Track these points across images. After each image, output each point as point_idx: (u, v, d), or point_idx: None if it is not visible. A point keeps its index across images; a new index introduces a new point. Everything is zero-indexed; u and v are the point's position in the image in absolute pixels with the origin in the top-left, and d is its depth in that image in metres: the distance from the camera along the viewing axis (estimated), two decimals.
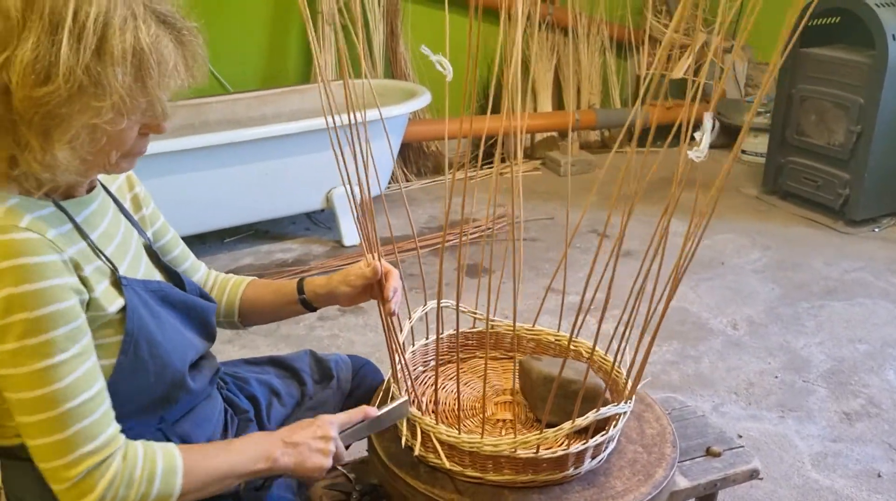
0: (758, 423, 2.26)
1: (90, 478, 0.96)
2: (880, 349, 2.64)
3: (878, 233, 3.60)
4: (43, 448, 0.95)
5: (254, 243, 3.47)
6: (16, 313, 0.90)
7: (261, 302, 1.37)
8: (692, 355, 2.59)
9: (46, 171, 0.94)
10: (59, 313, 0.93)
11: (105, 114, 0.92)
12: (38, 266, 0.91)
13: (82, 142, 0.94)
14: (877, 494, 1.99)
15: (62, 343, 0.93)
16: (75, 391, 0.95)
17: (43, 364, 0.92)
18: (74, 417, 0.95)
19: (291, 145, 3.18)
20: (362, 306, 2.90)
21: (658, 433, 1.45)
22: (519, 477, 1.27)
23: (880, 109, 3.38)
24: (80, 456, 0.95)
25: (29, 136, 0.91)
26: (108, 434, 0.98)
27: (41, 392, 0.93)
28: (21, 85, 0.87)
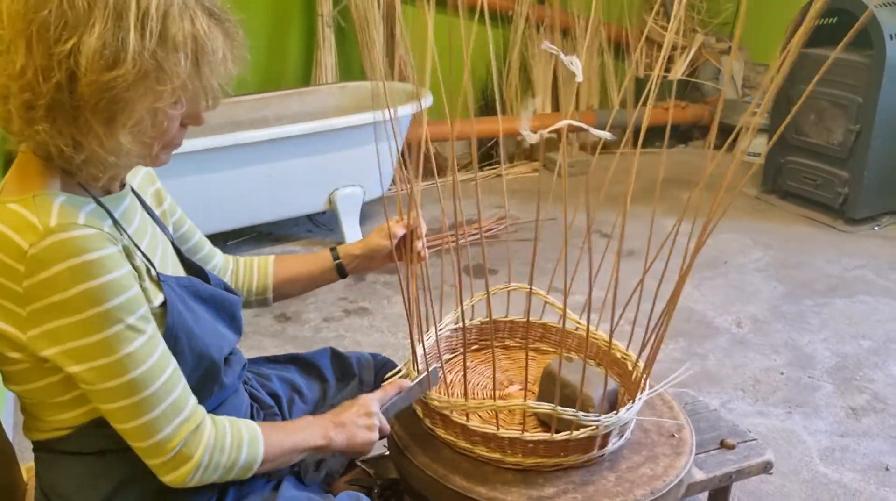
0: (765, 419, 2.27)
1: (188, 447, 1.01)
2: (884, 345, 2.66)
3: (878, 231, 3.62)
4: (138, 429, 0.99)
5: (256, 246, 3.47)
6: (92, 307, 0.93)
7: (294, 274, 1.41)
8: (699, 352, 2.60)
9: (111, 154, 0.96)
10: (130, 299, 0.96)
11: (167, 98, 0.95)
12: (103, 259, 0.94)
13: (145, 126, 0.96)
14: (885, 487, 2.01)
15: (140, 326, 0.97)
16: (159, 369, 0.99)
17: (129, 350, 0.96)
18: (163, 394, 0.99)
19: (295, 147, 3.19)
20: (367, 306, 2.91)
21: (675, 426, 1.46)
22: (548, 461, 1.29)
23: (879, 108, 3.41)
24: (176, 428, 1.00)
25: (93, 121, 0.93)
26: (192, 404, 1.03)
27: (130, 377, 0.96)
28: (90, 70, 0.89)
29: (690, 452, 1.37)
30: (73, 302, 0.92)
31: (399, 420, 1.40)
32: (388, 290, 3.05)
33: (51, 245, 0.91)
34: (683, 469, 1.33)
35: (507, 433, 1.28)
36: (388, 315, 2.86)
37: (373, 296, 3.00)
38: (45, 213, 0.94)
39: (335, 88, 3.86)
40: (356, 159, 3.36)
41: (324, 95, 3.81)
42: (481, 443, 1.31)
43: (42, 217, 0.93)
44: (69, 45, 0.89)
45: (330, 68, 4.01)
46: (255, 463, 1.08)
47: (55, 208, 0.95)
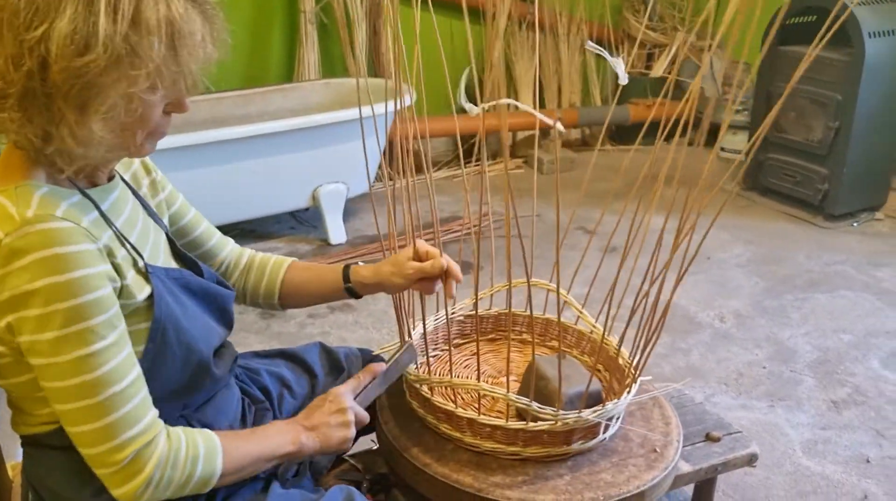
0: (748, 412, 2.30)
1: (138, 461, 0.98)
2: (864, 339, 2.69)
3: (857, 227, 3.66)
4: (87, 434, 0.96)
5: (239, 243, 3.41)
6: (55, 302, 0.91)
7: (305, 287, 1.36)
8: (682, 347, 2.62)
9: (80, 146, 0.94)
10: (96, 301, 0.93)
11: (141, 83, 0.93)
12: (75, 255, 0.92)
13: (118, 113, 0.94)
14: (866, 479, 2.03)
15: (101, 331, 0.94)
16: (116, 376, 0.96)
17: (84, 352, 0.93)
18: (117, 402, 0.96)
19: (278, 144, 3.18)
20: (351, 303, 2.91)
21: (661, 419, 1.47)
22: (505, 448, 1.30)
23: (857, 106, 3.45)
24: (127, 440, 0.97)
25: (65, 109, 0.91)
26: (149, 418, 1.00)
27: (82, 379, 0.94)
28: (60, 56, 0.88)
29: (666, 469, 1.35)
30: (37, 294, 0.90)
31: (391, 416, 1.40)
32: None
33: (25, 235, 0.90)
34: (649, 482, 1.30)
35: (465, 413, 1.29)
36: (373, 312, 2.86)
37: None
38: (25, 204, 0.92)
39: (318, 84, 3.85)
40: (339, 156, 3.35)
41: (307, 92, 3.79)
42: (445, 421, 1.32)
43: (21, 208, 0.92)
44: (39, 32, 0.87)
45: (313, 65, 3.99)
46: (212, 477, 1.04)
47: (35, 199, 0.94)
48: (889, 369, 2.51)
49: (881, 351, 2.61)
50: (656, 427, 1.45)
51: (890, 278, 3.14)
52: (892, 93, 3.53)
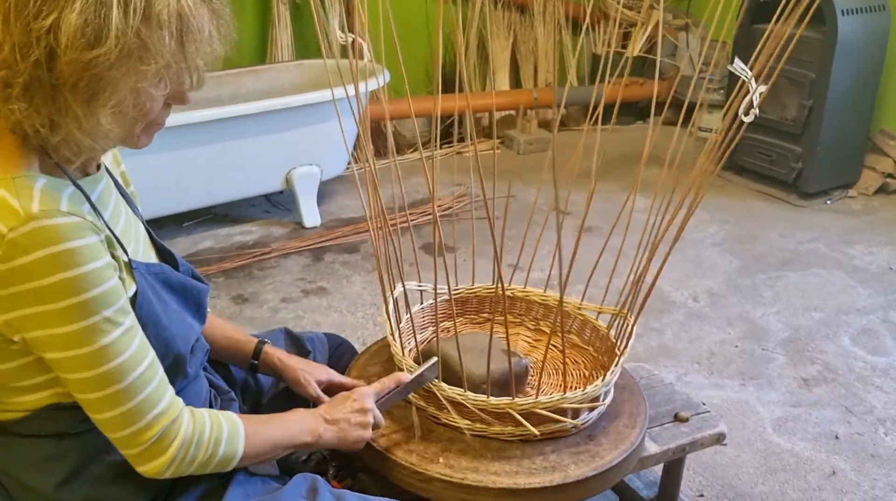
0: (720, 391, 2.31)
1: (164, 439, 1.00)
2: (835, 316, 2.71)
3: (831, 205, 3.68)
4: (115, 420, 0.98)
5: (213, 227, 3.42)
6: (70, 297, 0.91)
7: (213, 343, 1.33)
8: (656, 327, 2.63)
9: (88, 137, 0.93)
10: (109, 291, 0.94)
11: (150, 78, 0.92)
12: (84, 249, 0.92)
13: (126, 107, 0.93)
14: (835, 455, 2.06)
15: (117, 319, 0.96)
16: (136, 361, 0.98)
17: (104, 342, 0.94)
18: (140, 385, 0.98)
19: (251, 126, 3.14)
20: (325, 286, 2.89)
21: (629, 400, 1.47)
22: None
23: (831, 84, 3.46)
24: (153, 419, 0.99)
25: (72, 101, 0.90)
26: (169, 396, 1.02)
27: (105, 369, 0.95)
28: (70, 48, 0.86)
29: (626, 451, 1.34)
30: (51, 290, 0.90)
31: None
32: (347, 270, 3.03)
33: (32, 231, 0.89)
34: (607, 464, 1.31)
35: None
36: (347, 295, 2.85)
37: (332, 276, 2.99)
38: (27, 197, 0.90)
39: (291, 65, 3.81)
40: (313, 138, 3.32)
41: (279, 73, 3.75)
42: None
43: (24, 201, 0.90)
44: (49, 21, 0.86)
45: (286, 46, 3.95)
46: (234, 458, 1.07)
47: (37, 192, 0.92)
48: (859, 346, 2.54)
49: (851, 328, 2.64)
50: (623, 409, 1.45)
51: (861, 255, 3.17)
52: (865, 71, 3.54)
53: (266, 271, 3.03)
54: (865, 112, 3.67)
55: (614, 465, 1.30)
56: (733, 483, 1.95)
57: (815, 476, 1.98)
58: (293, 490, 1.13)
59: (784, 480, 1.97)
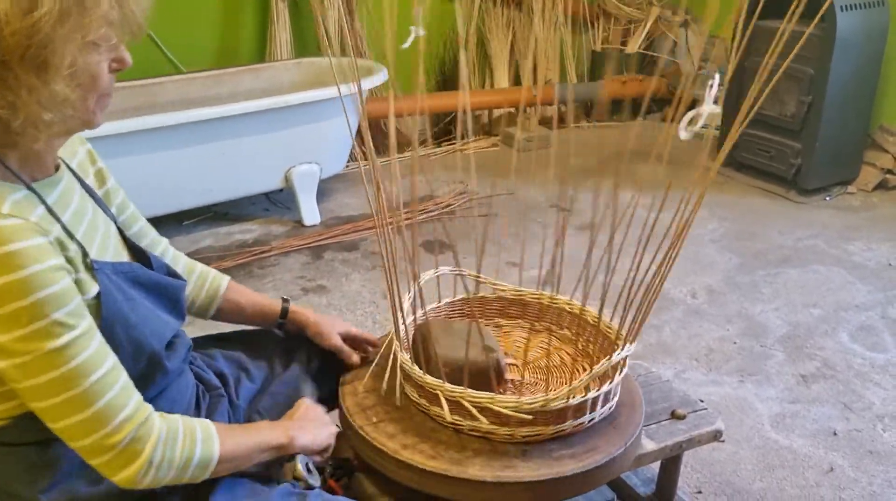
0: (718, 388, 2.32)
1: (135, 443, 0.98)
2: (834, 313, 2.72)
3: (830, 201, 3.68)
4: (77, 426, 0.95)
5: (213, 225, 3.43)
6: (14, 301, 0.89)
7: (241, 312, 1.43)
8: (654, 324, 2.63)
9: (47, 110, 0.92)
10: (58, 293, 0.92)
11: (94, 31, 0.92)
12: (26, 250, 0.89)
13: (78, 69, 0.92)
14: (833, 451, 2.06)
15: (69, 321, 0.93)
16: (94, 364, 0.95)
17: (54, 345, 0.92)
18: (101, 389, 0.95)
19: (250, 124, 3.14)
20: (325, 285, 2.90)
21: (626, 397, 1.47)
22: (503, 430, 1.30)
23: (830, 80, 3.46)
24: (121, 422, 0.96)
25: (24, 74, 0.89)
26: (136, 399, 0.99)
27: (59, 373, 0.92)
28: (11, 17, 0.86)
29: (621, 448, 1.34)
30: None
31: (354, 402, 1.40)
32: (347, 268, 3.04)
33: None
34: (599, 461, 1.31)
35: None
36: (347, 293, 2.85)
37: (331, 274, 2.99)
38: None
39: (290, 63, 3.81)
40: (312, 136, 3.33)
41: (279, 71, 3.76)
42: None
43: None
44: None
45: (285, 44, 3.95)
46: (211, 461, 1.05)
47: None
48: (857, 342, 2.54)
49: (850, 325, 2.64)
50: (620, 407, 1.45)
51: (860, 251, 3.17)
52: (864, 67, 3.54)
53: (266, 269, 3.03)
54: (864, 108, 3.67)
55: (610, 462, 1.30)
56: (731, 480, 1.95)
57: (813, 472, 1.99)
58: (283, 490, 1.13)
59: (782, 476, 1.97)
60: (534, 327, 1.64)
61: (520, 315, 1.67)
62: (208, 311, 1.41)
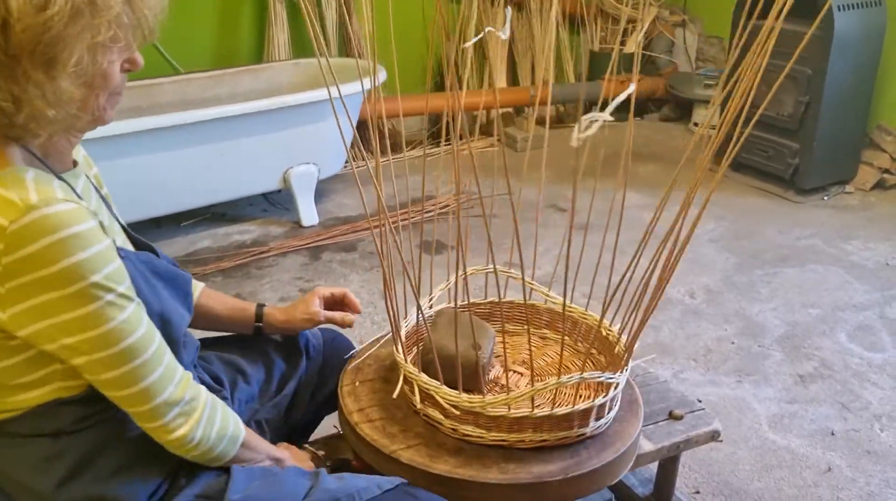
0: (716, 388, 2.32)
1: (188, 408, 1.06)
2: (831, 312, 2.72)
3: (828, 201, 3.69)
4: (137, 395, 1.01)
5: (211, 226, 3.43)
6: (78, 281, 0.93)
7: (214, 316, 1.42)
8: (652, 324, 2.64)
9: (51, 107, 0.93)
10: (114, 272, 0.97)
11: (104, 32, 0.94)
12: (87, 233, 0.94)
13: (85, 67, 0.94)
14: (831, 451, 2.06)
15: (127, 296, 0.99)
16: (150, 336, 1.01)
17: (117, 321, 0.97)
18: (157, 359, 1.02)
19: (248, 125, 3.14)
20: (318, 282, 2.90)
21: (624, 398, 1.47)
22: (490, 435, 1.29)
23: (827, 80, 3.46)
24: (173, 391, 1.04)
25: (31, 69, 0.91)
26: (181, 371, 1.07)
27: (123, 346, 0.98)
28: (23, 14, 0.88)
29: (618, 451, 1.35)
30: (60, 276, 0.92)
31: (351, 397, 1.40)
32: (345, 268, 3.04)
33: (34, 221, 0.90)
34: (630, 441, 1.33)
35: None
36: None
37: (329, 275, 2.99)
38: (22, 188, 0.92)
39: (289, 64, 3.81)
40: (310, 137, 3.33)
41: (277, 72, 3.76)
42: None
43: (20, 192, 0.91)
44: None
45: (283, 45, 3.95)
46: (239, 437, 1.13)
47: (30, 182, 0.93)
48: (855, 342, 2.55)
49: (848, 325, 2.64)
50: (619, 409, 1.45)
51: (858, 251, 3.18)
52: (861, 67, 3.54)
53: (264, 270, 3.03)
54: (862, 108, 3.68)
55: (609, 464, 1.30)
56: (729, 480, 1.96)
57: (811, 472, 1.99)
58: (295, 470, 1.18)
59: (780, 477, 1.98)
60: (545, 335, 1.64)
61: (546, 325, 1.65)
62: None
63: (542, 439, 1.28)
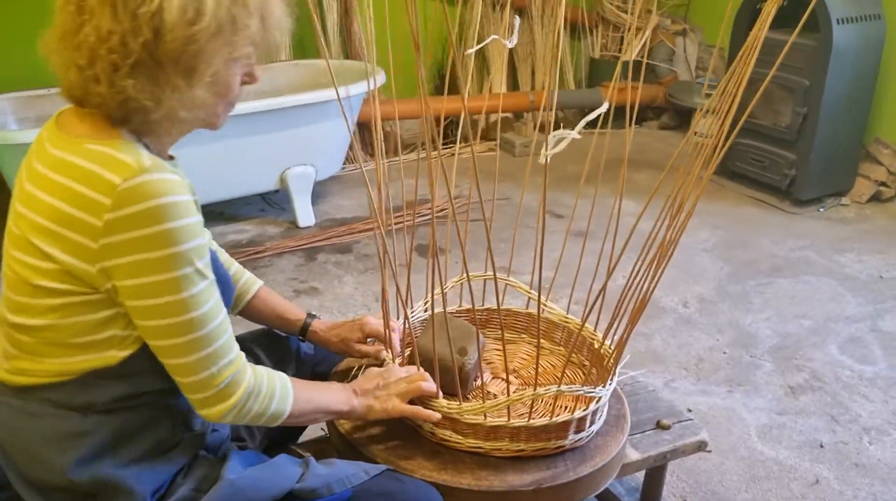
0: (707, 397, 2.32)
1: (230, 387, 1.09)
2: (823, 324, 2.73)
3: (823, 212, 3.70)
4: (189, 365, 1.05)
5: (207, 225, 3.39)
6: (170, 247, 0.98)
7: (264, 317, 1.49)
8: (644, 332, 2.64)
9: (186, 109, 1.03)
10: (200, 246, 1.02)
11: (240, 48, 1.04)
12: (185, 204, 1.00)
13: (220, 78, 1.04)
14: (819, 464, 2.07)
15: (205, 271, 1.04)
16: (215, 312, 1.06)
17: (192, 291, 1.02)
18: (218, 333, 1.06)
19: (245, 125, 3.15)
20: (317, 286, 2.91)
21: (612, 407, 1.48)
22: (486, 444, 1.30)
23: (825, 92, 3.47)
24: (222, 367, 1.07)
25: (174, 75, 1.00)
26: (236, 349, 1.11)
27: (190, 316, 1.03)
28: (175, 25, 0.97)
29: (624, 434, 1.38)
30: (153, 239, 0.97)
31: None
32: (339, 270, 3.04)
33: (143, 183, 0.97)
34: (616, 451, 1.34)
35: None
36: (339, 295, 2.86)
37: (324, 276, 3.00)
38: (136, 153, 1.00)
39: (288, 65, 3.81)
40: (308, 138, 3.33)
41: (276, 73, 3.76)
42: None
43: (135, 157, 0.99)
44: (153, 6, 0.96)
45: (284, 46, 3.95)
46: (282, 415, 1.16)
47: (143, 151, 1.02)
48: (846, 354, 2.55)
49: (839, 337, 2.65)
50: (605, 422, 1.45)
51: (852, 263, 3.18)
52: (859, 79, 3.55)
53: (259, 270, 3.04)
54: (860, 121, 3.68)
55: (585, 478, 1.30)
56: (716, 490, 1.96)
57: (799, 484, 2.00)
58: (287, 458, 1.20)
59: (767, 488, 1.98)
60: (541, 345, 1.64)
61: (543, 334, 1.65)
62: (234, 310, 1.46)
63: (518, 449, 1.29)
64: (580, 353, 1.57)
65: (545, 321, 1.64)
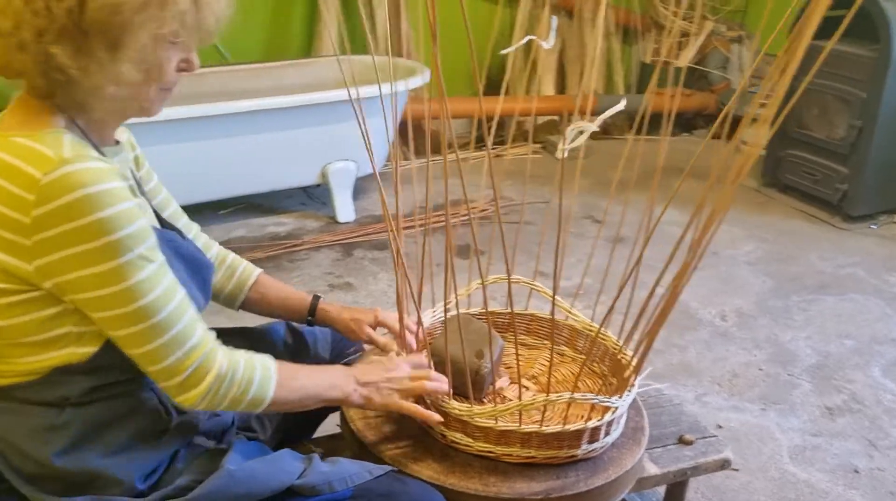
0: (739, 414, 2.26)
1: (200, 370, 1.06)
2: (868, 345, 2.64)
3: (875, 230, 3.58)
4: (152, 353, 1.03)
5: (247, 216, 3.47)
6: (106, 235, 0.96)
7: (267, 305, 1.45)
8: (678, 344, 2.59)
9: (111, 83, 1.00)
10: (139, 230, 0.99)
11: (167, 25, 1.00)
12: (115, 191, 0.97)
13: (146, 54, 1.00)
14: (852, 489, 2.00)
15: (150, 255, 1.01)
16: (169, 295, 1.03)
17: (139, 278, 0.99)
18: (172, 320, 1.03)
19: (289, 119, 3.17)
20: (352, 282, 2.91)
21: (631, 424, 1.44)
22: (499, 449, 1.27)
23: (882, 105, 3.36)
24: (188, 350, 1.04)
25: (98, 47, 0.97)
26: (201, 330, 1.07)
27: (141, 303, 1.00)
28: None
29: (641, 448, 1.35)
30: (86, 230, 0.95)
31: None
32: (375, 266, 3.04)
33: (65, 175, 0.94)
34: (631, 465, 1.31)
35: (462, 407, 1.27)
36: (373, 291, 2.86)
37: (360, 272, 3.00)
38: (58, 145, 0.97)
39: (333, 60, 3.83)
40: (350, 134, 3.34)
41: (322, 67, 3.78)
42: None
43: (55, 149, 0.96)
44: None
45: (332, 41, 3.98)
46: (263, 402, 1.12)
47: (66, 141, 0.98)
48: (889, 377, 2.46)
49: (883, 359, 2.56)
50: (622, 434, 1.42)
51: None
52: None
53: (296, 263, 3.05)
54: None
55: (596, 490, 1.27)
56: None
57: None
58: (290, 452, 1.18)
59: None
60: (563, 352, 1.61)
61: (566, 341, 1.63)
62: (235, 301, 1.44)
63: (529, 455, 1.26)
64: (602, 362, 1.53)
65: (569, 329, 1.61)
